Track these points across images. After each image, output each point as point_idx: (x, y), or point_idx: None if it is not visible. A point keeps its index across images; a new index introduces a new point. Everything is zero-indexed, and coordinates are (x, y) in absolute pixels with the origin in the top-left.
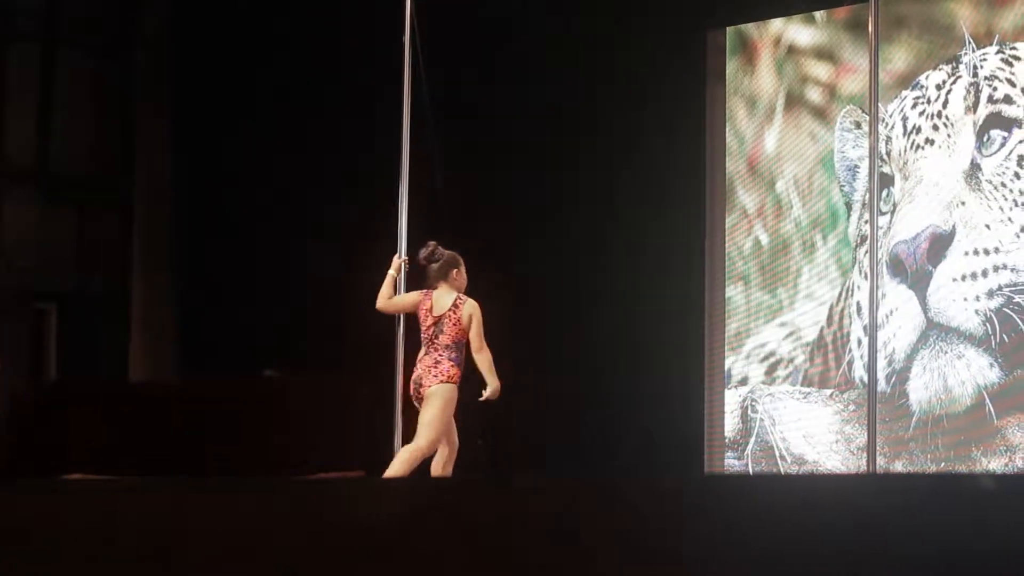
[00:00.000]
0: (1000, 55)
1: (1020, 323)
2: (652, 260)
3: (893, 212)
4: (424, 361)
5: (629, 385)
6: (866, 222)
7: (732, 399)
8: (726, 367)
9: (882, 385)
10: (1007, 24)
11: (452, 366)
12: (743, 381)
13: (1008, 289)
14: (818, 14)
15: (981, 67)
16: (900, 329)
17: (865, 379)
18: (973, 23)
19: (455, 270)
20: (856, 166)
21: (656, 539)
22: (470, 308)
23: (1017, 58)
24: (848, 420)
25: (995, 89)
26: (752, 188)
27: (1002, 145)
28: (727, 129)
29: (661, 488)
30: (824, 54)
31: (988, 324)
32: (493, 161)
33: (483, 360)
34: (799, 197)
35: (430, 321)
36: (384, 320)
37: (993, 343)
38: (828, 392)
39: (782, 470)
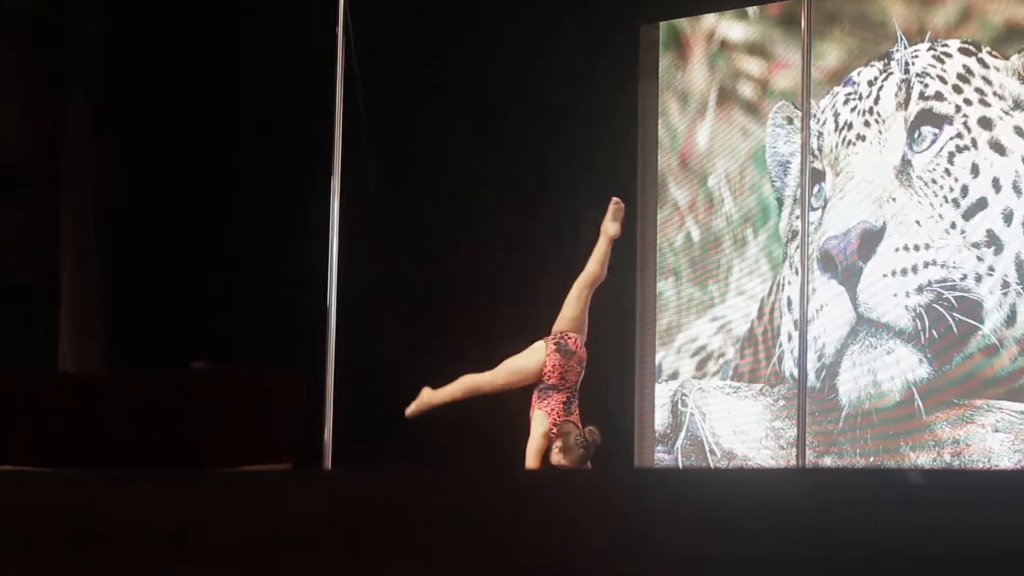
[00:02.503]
0: (932, 52)
1: (949, 319)
2: (583, 255)
3: (824, 208)
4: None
5: None
6: (797, 218)
7: (662, 393)
8: (656, 361)
9: (812, 380)
10: (939, 21)
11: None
12: (673, 375)
13: (938, 285)
14: (751, 10)
15: (913, 64)
16: (830, 324)
17: (795, 374)
18: (905, 20)
19: None
20: (787, 162)
21: (584, 533)
22: None
23: (948, 55)
24: (778, 415)
25: (926, 86)
26: (684, 183)
27: (933, 142)
28: (659, 124)
29: (590, 481)
30: (756, 50)
31: (918, 320)
32: (421, 155)
33: None
34: (731, 192)
35: None
36: (316, 310)
37: (923, 339)
38: (758, 387)
39: (712, 464)
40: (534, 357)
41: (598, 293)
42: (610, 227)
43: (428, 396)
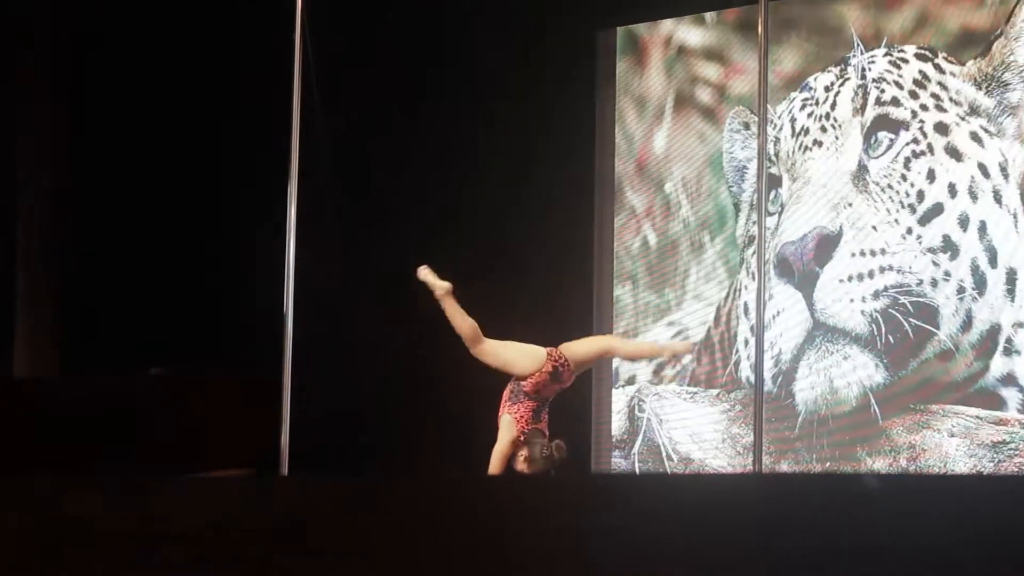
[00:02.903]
0: (888, 57)
1: (905, 324)
2: (540, 260)
3: (781, 213)
4: None
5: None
6: (754, 223)
7: (619, 399)
8: (613, 367)
9: (768, 385)
10: (895, 27)
11: None
12: (630, 381)
13: (894, 290)
14: (708, 15)
15: (869, 69)
16: (787, 330)
17: (752, 379)
18: (862, 25)
19: None
20: (744, 167)
21: (542, 537)
22: None
23: (905, 60)
24: (734, 420)
25: (883, 91)
26: (641, 188)
27: (889, 147)
28: (616, 129)
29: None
30: (714, 55)
31: (874, 325)
32: (380, 160)
33: None
34: (687, 198)
35: None
36: (273, 314)
37: (879, 344)
38: (715, 392)
39: (668, 469)
40: (529, 362)
41: (555, 299)
42: (437, 286)
43: (441, 289)
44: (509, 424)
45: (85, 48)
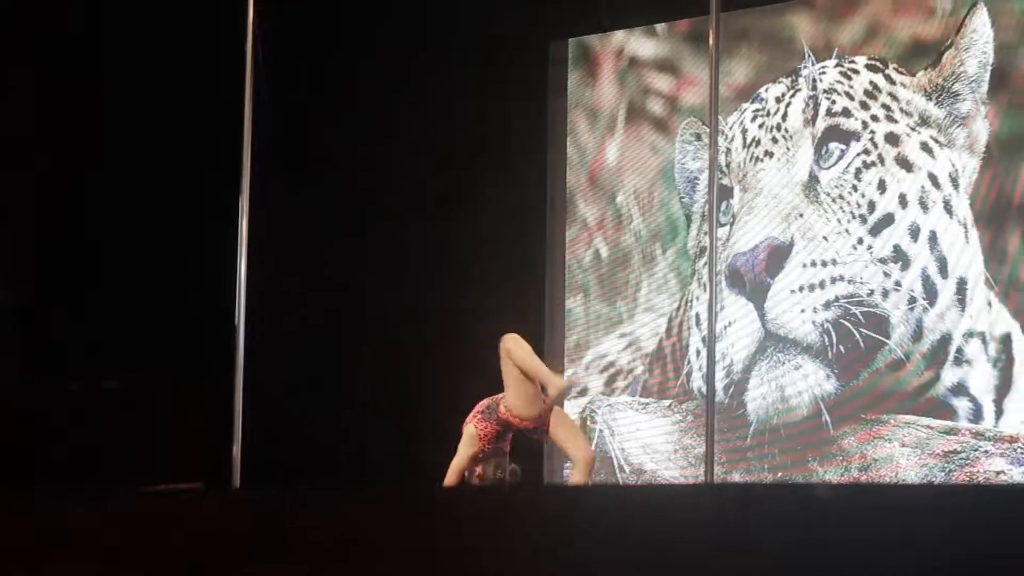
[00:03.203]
0: (839, 68)
1: (856, 334)
2: (492, 272)
3: (732, 224)
4: None
5: (469, 396)
6: (705, 234)
7: (571, 410)
8: (565, 378)
9: (720, 396)
10: (846, 38)
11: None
12: (582, 392)
13: (845, 300)
14: (660, 26)
15: (820, 80)
16: (738, 340)
17: (703, 390)
18: (812, 37)
19: None
20: (696, 178)
21: (493, 550)
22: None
23: (856, 71)
24: (687, 430)
25: (834, 102)
26: (593, 200)
27: (840, 158)
28: (568, 141)
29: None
30: (665, 66)
31: (825, 335)
32: (327, 171)
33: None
34: (639, 209)
35: None
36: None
37: (830, 354)
38: (667, 403)
39: (621, 480)
40: (532, 400)
41: (507, 310)
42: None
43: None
44: (472, 438)
45: (40, 50)
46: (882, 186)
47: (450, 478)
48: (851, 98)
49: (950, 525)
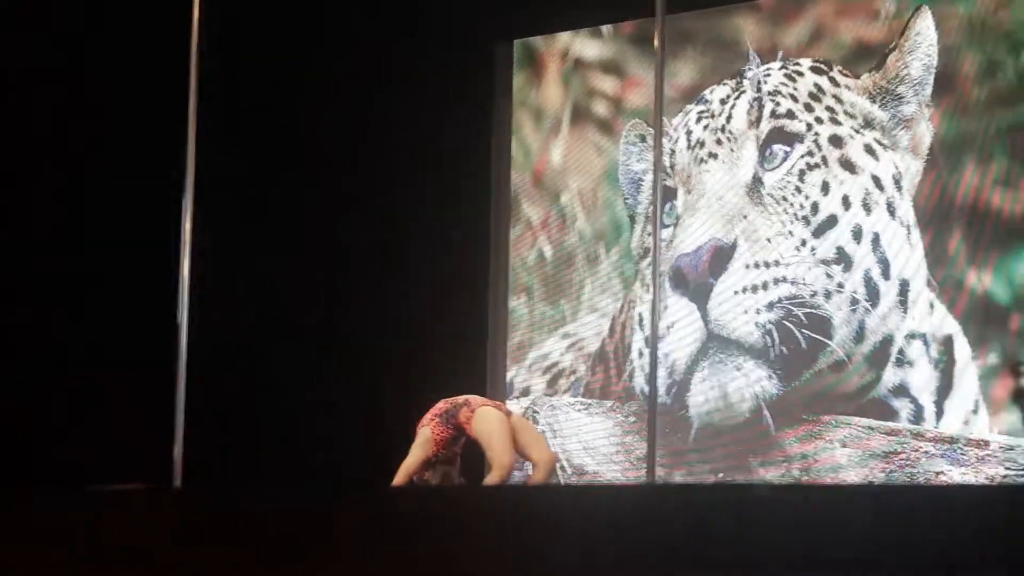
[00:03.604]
0: (783, 71)
1: (799, 335)
2: (436, 271)
3: (676, 225)
4: None
5: (403, 396)
6: (649, 235)
7: (514, 410)
8: (508, 378)
9: (662, 396)
10: (790, 40)
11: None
12: (525, 392)
13: (788, 302)
14: (605, 28)
15: (765, 82)
16: (681, 341)
17: (646, 390)
18: (757, 39)
19: None
20: (640, 179)
21: (435, 549)
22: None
23: (800, 74)
24: (629, 431)
25: (778, 104)
26: (537, 200)
27: (784, 159)
28: (513, 141)
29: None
30: (610, 68)
31: (767, 336)
32: (272, 170)
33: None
34: (583, 209)
35: None
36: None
37: (772, 355)
38: (609, 403)
39: (563, 480)
40: (497, 417)
41: (450, 310)
42: None
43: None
44: (427, 441)
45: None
46: (825, 188)
47: (399, 479)
48: (795, 100)
49: (891, 525)
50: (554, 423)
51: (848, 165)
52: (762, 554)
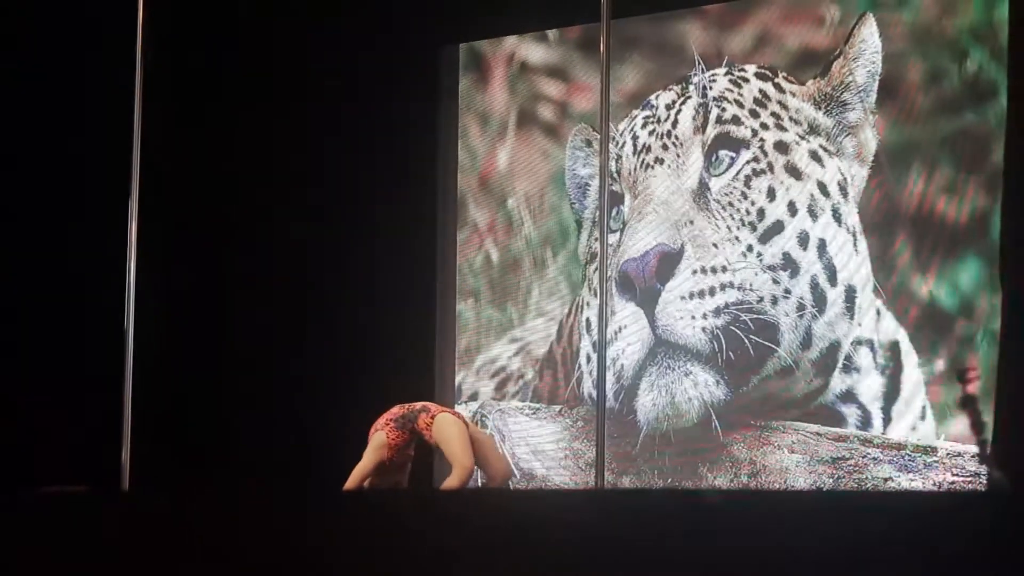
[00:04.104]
0: (729, 76)
1: (746, 341)
2: (382, 275)
3: (623, 230)
4: None
5: (357, 400)
6: (596, 240)
7: (462, 414)
8: (456, 383)
9: (610, 401)
10: (736, 46)
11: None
12: (473, 397)
13: (735, 307)
14: (551, 32)
15: (710, 88)
16: (629, 346)
17: (594, 395)
18: (703, 44)
19: None
20: (586, 184)
21: (379, 553)
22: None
23: (745, 79)
24: (577, 436)
25: (724, 110)
26: (483, 204)
27: (730, 165)
28: (459, 145)
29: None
30: (556, 72)
31: (715, 342)
32: (219, 173)
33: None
34: (530, 214)
35: None
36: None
37: (720, 360)
38: (557, 408)
39: (511, 485)
40: (456, 422)
41: (398, 314)
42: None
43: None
44: (381, 445)
45: None
46: (771, 194)
47: (351, 483)
48: (741, 106)
49: (839, 530)
50: (503, 428)
51: (794, 171)
52: (711, 559)
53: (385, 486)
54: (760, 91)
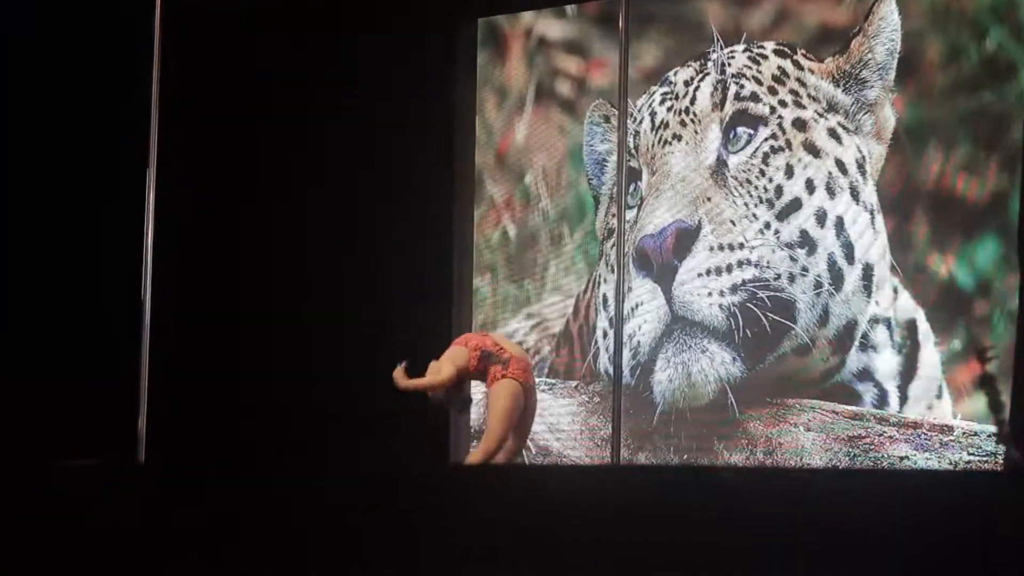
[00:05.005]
0: (747, 53)
1: (763, 318)
2: (399, 251)
3: (640, 206)
4: None
5: (372, 374)
6: (613, 216)
7: (478, 389)
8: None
9: (627, 377)
10: (754, 23)
11: (490, 373)
12: None
13: (752, 285)
14: (569, 8)
15: (729, 65)
16: (645, 323)
17: (610, 371)
18: (721, 21)
19: None
20: (604, 160)
21: (399, 528)
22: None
23: (764, 56)
24: (593, 411)
25: (742, 87)
26: (501, 180)
27: (748, 142)
28: (476, 121)
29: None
30: (574, 48)
31: (732, 319)
32: (236, 151)
33: None
34: (547, 189)
35: None
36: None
37: (736, 338)
38: (573, 384)
39: (527, 460)
40: (513, 395)
41: (415, 290)
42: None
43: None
44: (462, 362)
45: None
46: (789, 171)
47: (427, 384)
48: (759, 83)
49: (854, 508)
50: None
51: (812, 149)
52: (726, 535)
53: (437, 400)
54: (779, 68)
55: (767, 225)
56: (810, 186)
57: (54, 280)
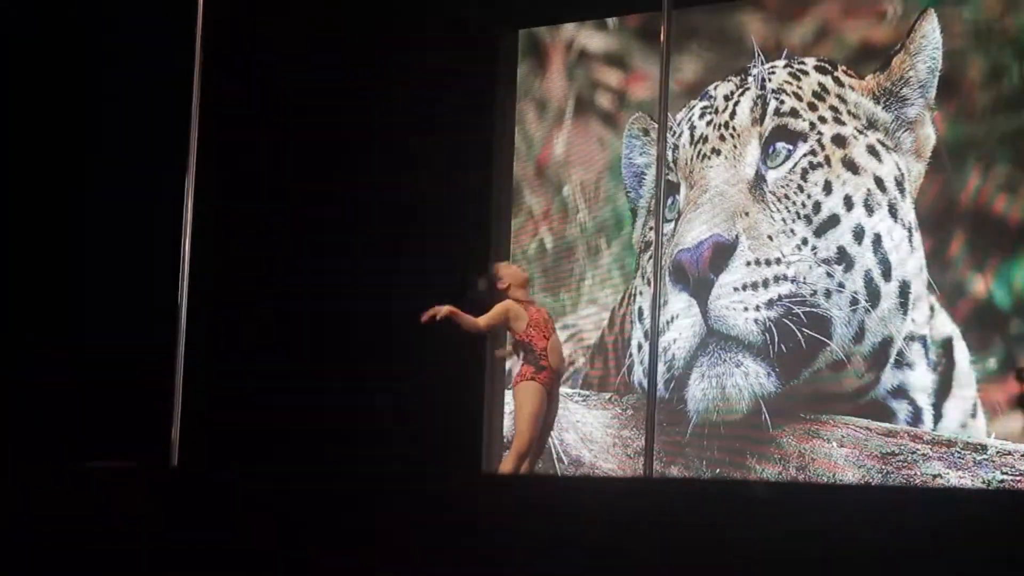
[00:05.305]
0: (788, 69)
1: (799, 334)
2: (437, 261)
3: (677, 220)
4: None
5: (408, 384)
6: (651, 229)
7: (511, 399)
8: (507, 367)
9: (661, 390)
10: (795, 38)
11: (523, 366)
12: None
13: (788, 300)
14: (610, 21)
15: (769, 80)
16: (680, 336)
17: (644, 384)
18: (762, 36)
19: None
20: (643, 173)
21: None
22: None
23: (804, 72)
24: (626, 424)
25: (782, 102)
26: (539, 191)
27: (787, 158)
28: (516, 132)
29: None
30: (615, 61)
31: (767, 334)
32: (277, 160)
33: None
34: (585, 202)
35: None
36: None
37: (771, 352)
38: (607, 395)
39: (559, 472)
40: (537, 398)
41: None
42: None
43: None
44: (520, 322)
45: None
46: (828, 187)
47: (483, 322)
48: (799, 99)
49: (887, 526)
50: None
51: (851, 165)
52: (757, 550)
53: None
54: (819, 84)
55: (804, 241)
56: (848, 203)
57: (90, 284)
